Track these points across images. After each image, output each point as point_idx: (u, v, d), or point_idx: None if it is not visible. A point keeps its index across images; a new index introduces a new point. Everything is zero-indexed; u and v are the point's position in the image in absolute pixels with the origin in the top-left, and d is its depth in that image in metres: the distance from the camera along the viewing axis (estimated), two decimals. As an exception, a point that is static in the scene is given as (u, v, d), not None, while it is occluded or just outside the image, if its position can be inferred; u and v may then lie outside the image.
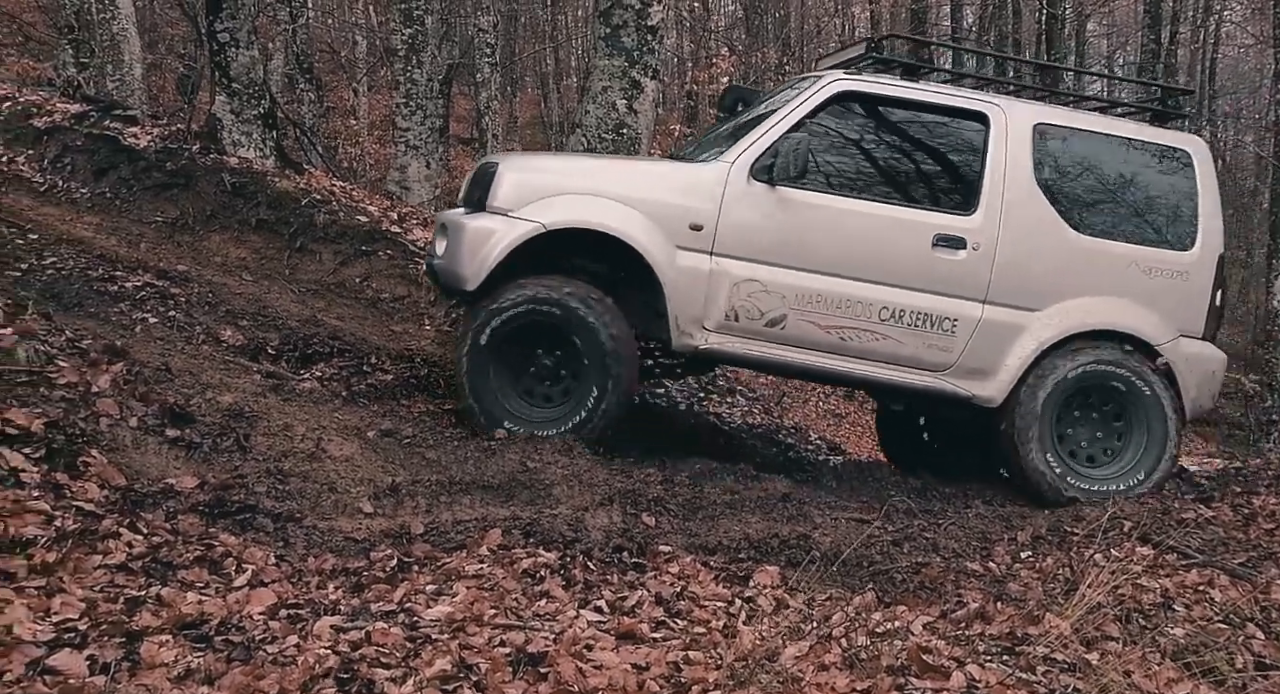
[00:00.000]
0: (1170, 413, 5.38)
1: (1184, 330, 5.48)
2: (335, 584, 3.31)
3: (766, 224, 5.19)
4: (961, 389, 5.38)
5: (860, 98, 5.43)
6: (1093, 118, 5.69)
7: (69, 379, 3.98)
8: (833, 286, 5.22)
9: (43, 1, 20.24)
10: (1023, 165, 5.40)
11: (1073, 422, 5.49)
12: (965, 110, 5.47)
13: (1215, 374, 5.56)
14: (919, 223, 5.29)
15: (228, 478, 3.91)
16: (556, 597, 3.42)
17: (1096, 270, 5.39)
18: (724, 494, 4.84)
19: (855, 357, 5.31)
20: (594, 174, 5.30)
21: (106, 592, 2.87)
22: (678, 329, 5.20)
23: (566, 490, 4.54)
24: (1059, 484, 5.30)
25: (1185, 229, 5.53)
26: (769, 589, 3.66)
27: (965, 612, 3.58)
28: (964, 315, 5.31)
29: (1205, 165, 5.61)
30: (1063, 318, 5.36)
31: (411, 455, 4.69)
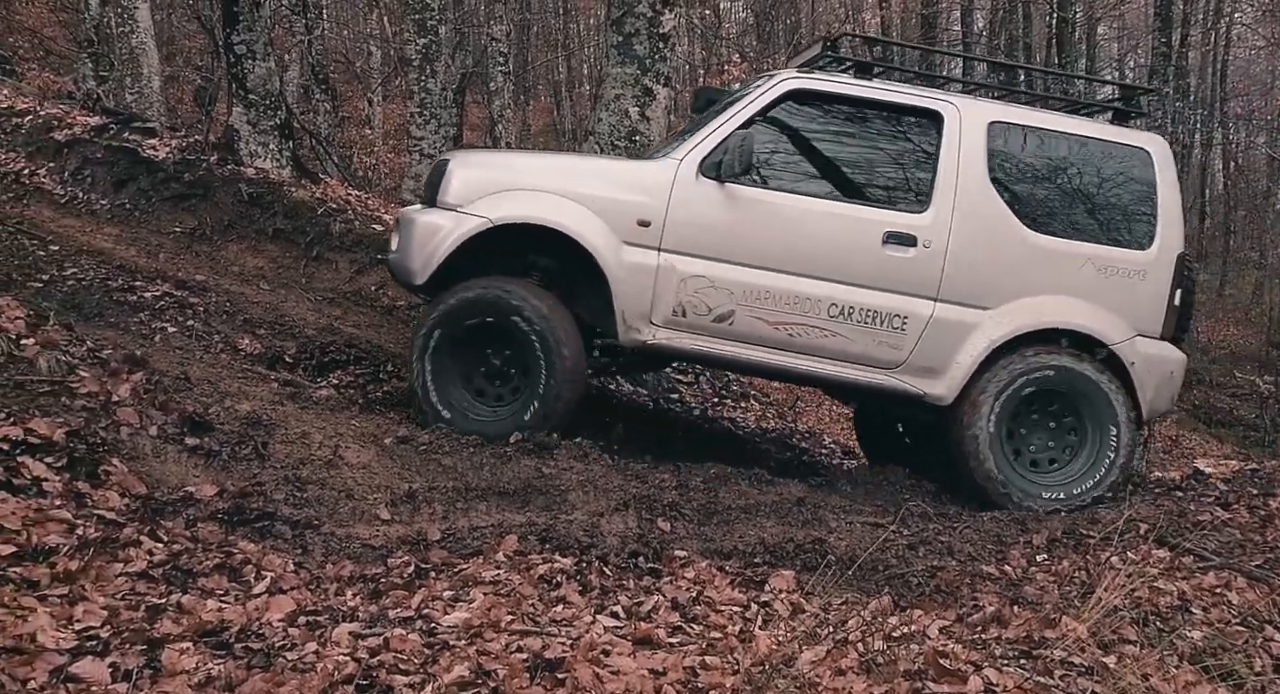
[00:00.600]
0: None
1: (1141, 330, 5.41)
2: (353, 591, 3.32)
3: (714, 221, 5.21)
4: (912, 387, 5.35)
5: (812, 96, 5.43)
6: (1050, 116, 5.64)
7: (90, 389, 4.00)
8: (781, 283, 5.23)
9: (63, 16, 20.43)
10: (976, 163, 5.37)
11: (1028, 424, 5.42)
12: (918, 108, 5.46)
13: (1174, 375, 5.48)
14: (869, 220, 5.28)
15: (246, 485, 3.92)
16: (573, 602, 3.41)
17: (1050, 269, 5.35)
18: (739, 499, 4.83)
19: (804, 353, 5.30)
20: (544, 170, 5.38)
21: (128, 599, 2.88)
22: (624, 324, 5.23)
23: (582, 496, 4.54)
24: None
25: (1143, 228, 5.47)
26: (785, 594, 3.65)
27: (981, 615, 3.56)
28: (914, 313, 5.28)
29: (1165, 164, 5.55)
30: (1015, 316, 5.31)
31: (428, 462, 4.70)
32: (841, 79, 5.50)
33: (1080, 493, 5.26)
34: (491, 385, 5.28)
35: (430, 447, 4.87)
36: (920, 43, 20.34)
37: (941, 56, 18.38)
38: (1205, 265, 29.77)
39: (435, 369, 5.15)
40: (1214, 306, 25.61)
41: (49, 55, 21.62)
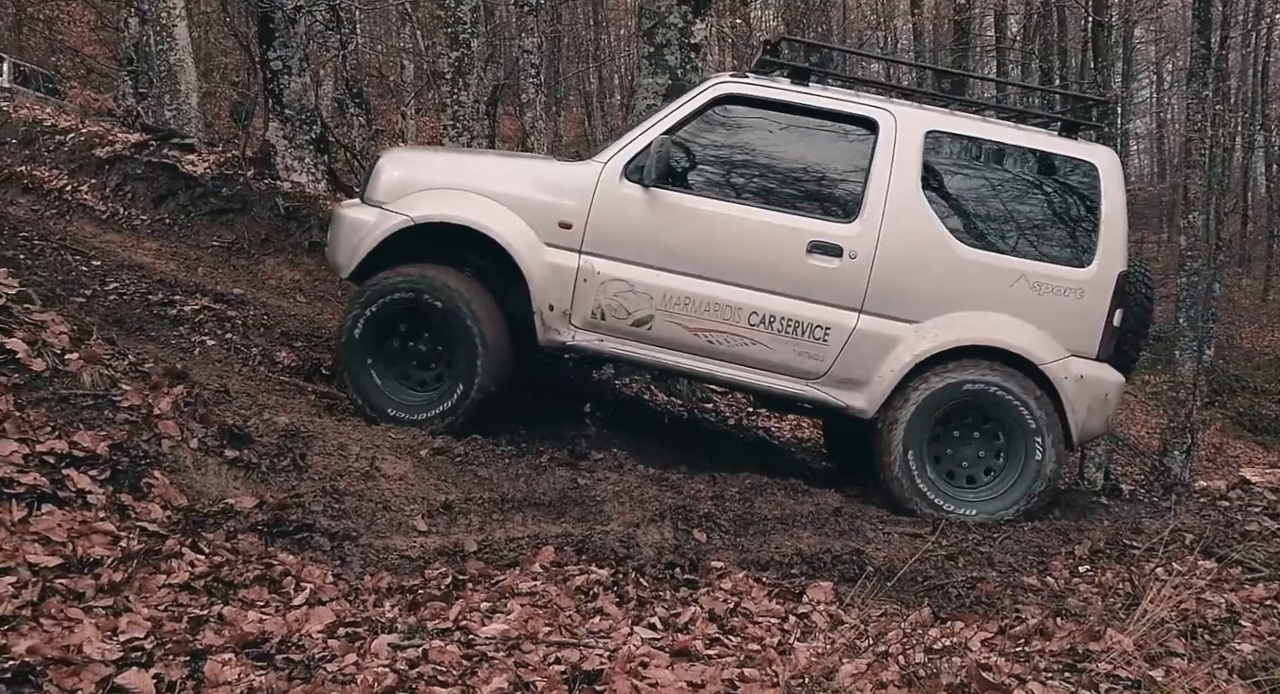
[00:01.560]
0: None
1: (1075, 350, 5.22)
2: (391, 602, 3.33)
3: (636, 224, 5.20)
4: (834, 398, 5.28)
5: (744, 100, 5.37)
6: (993, 127, 5.48)
7: (132, 402, 4.06)
8: (701, 289, 5.19)
9: (103, 35, 20.82)
10: (909, 173, 5.26)
11: (953, 439, 5.28)
12: (853, 116, 5.36)
13: (1108, 397, 5.28)
14: (794, 228, 5.21)
15: (285, 497, 3.96)
16: (610, 614, 3.41)
17: (981, 284, 5.21)
18: (775, 509, 4.81)
19: (724, 360, 5.26)
20: (470, 170, 5.43)
21: (171, 611, 2.91)
22: (543, 325, 5.25)
23: (617, 507, 4.54)
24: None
25: (1083, 245, 5.28)
26: (823, 605, 3.63)
27: (1024, 627, 3.51)
28: (837, 324, 5.21)
29: (1111, 179, 5.34)
30: (941, 331, 5.18)
31: (464, 473, 4.72)
32: (776, 84, 5.44)
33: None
34: (418, 372, 5.32)
35: (466, 458, 4.89)
36: (954, 47, 20.24)
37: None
38: (1248, 270, 29.29)
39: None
40: (1258, 312, 25.19)
41: (90, 73, 22.05)
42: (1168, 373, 14.74)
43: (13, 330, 4.10)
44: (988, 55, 24.29)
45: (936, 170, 5.32)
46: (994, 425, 5.22)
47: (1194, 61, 12.45)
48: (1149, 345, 5.77)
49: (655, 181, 5.16)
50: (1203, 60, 12.06)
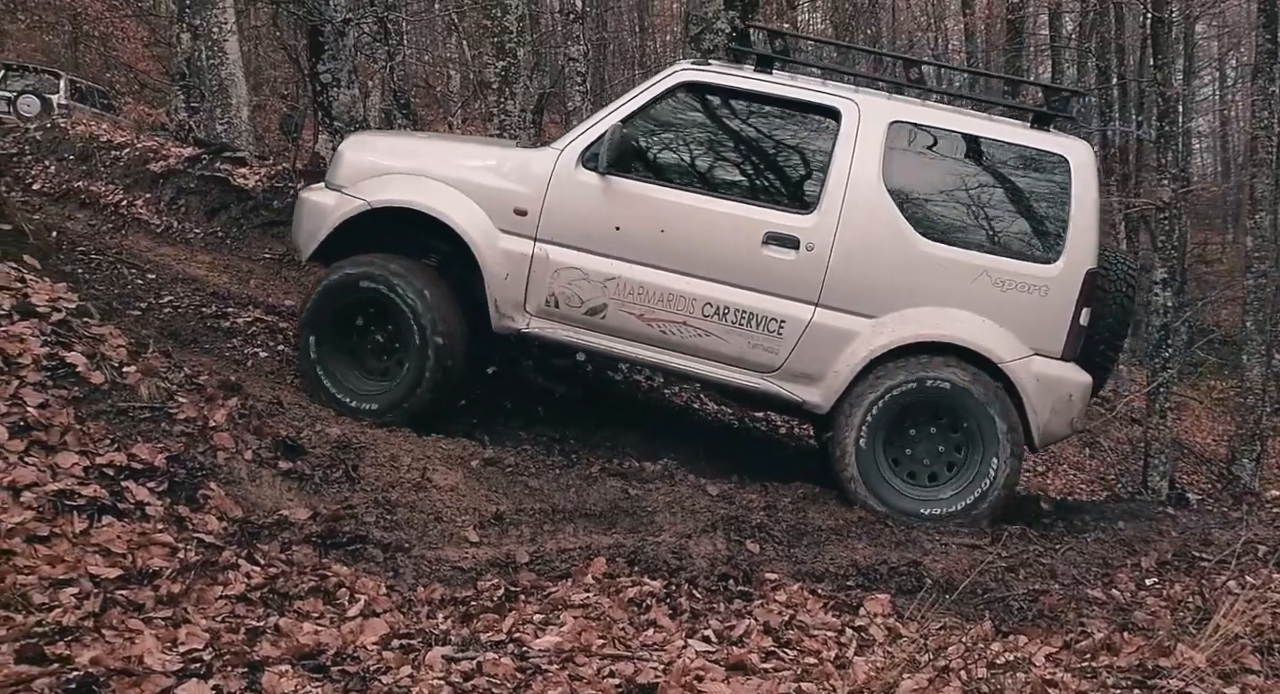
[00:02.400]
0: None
1: (1039, 349, 5.06)
2: (445, 614, 3.36)
3: (591, 212, 5.18)
4: (788, 392, 5.20)
5: (706, 89, 5.33)
6: (962, 118, 5.36)
7: (188, 414, 4.14)
8: (655, 279, 5.15)
9: (156, 50, 21.32)
10: (870, 165, 5.15)
11: (910, 437, 5.15)
12: (816, 105, 5.27)
13: (1072, 398, 5.10)
14: (749, 219, 5.14)
15: (338, 509, 4.01)
16: (664, 626, 3.41)
17: (941, 279, 5.08)
18: (829, 519, 4.78)
19: (677, 351, 5.21)
20: (429, 155, 5.47)
21: (228, 622, 2.96)
22: (497, 312, 5.26)
23: (669, 517, 4.53)
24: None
25: (1050, 241, 5.13)
26: (880, 618, 3.60)
27: (1090, 642, 3.45)
28: (792, 317, 5.12)
29: (1083, 172, 5.17)
30: (898, 327, 5.07)
31: (514, 484, 4.74)
32: (739, 72, 5.38)
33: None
34: (376, 361, 5.35)
35: (516, 468, 4.92)
36: (1007, 47, 20.01)
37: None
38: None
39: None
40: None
41: (143, 89, 22.58)
42: (1235, 378, 14.42)
43: (72, 344, 4.20)
44: (1042, 55, 23.98)
45: (900, 162, 5.20)
46: (952, 424, 5.10)
47: (1259, 57, 12.18)
48: (1214, 349, 5.58)
49: (610, 169, 5.14)
50: (1269, 55, 11.79)
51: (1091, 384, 5.21)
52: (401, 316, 5.18)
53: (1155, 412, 10.97)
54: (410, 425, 5.11)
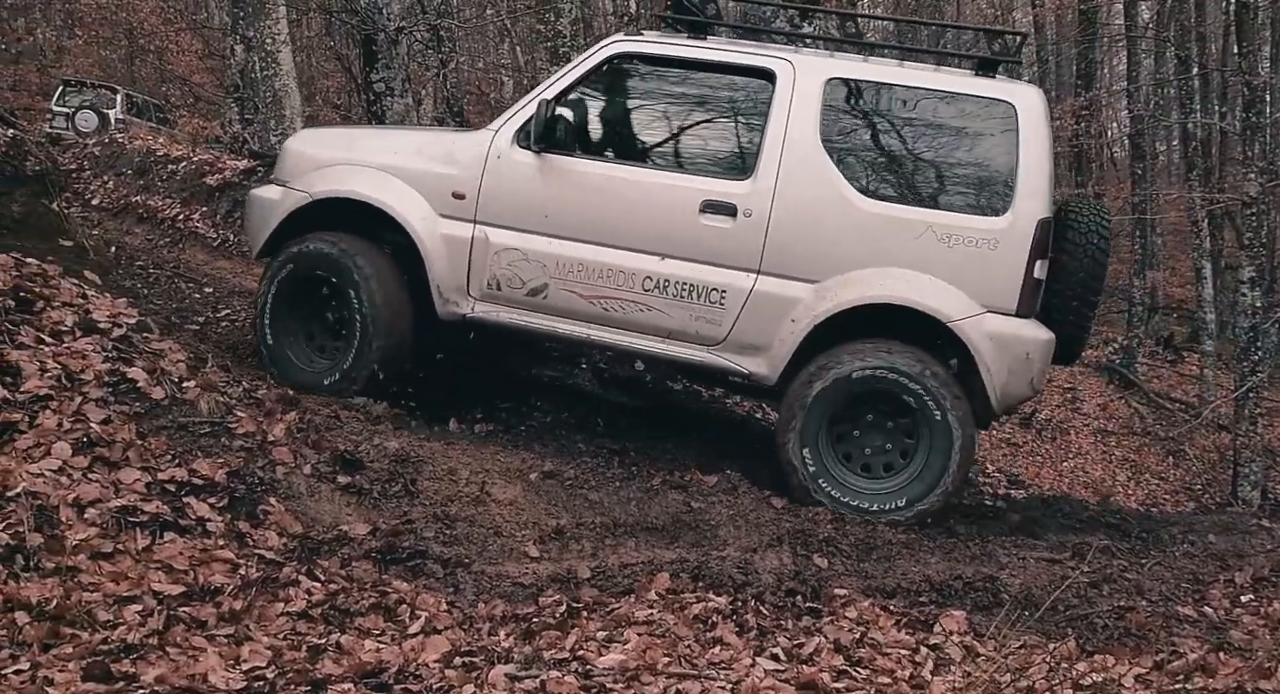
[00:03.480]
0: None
1: (991, 306, 4.89)
2: (506, 631, 3.38)
3: (527, 191, 5.20)
4: (735, 365, 5.13)
5: (639, 58, 5.33)
6: (901, 70, 5.25)
7: (247, 429, 4.22)
8: (594, 255, 5.15)
9: (210, 63, 21.85)
10: (807, 125, 5.06)
11: (862, 426, 5.01)
12: (751, 67, 5.20)
13: (1030, 356, 4.90)
14: (685, 188, 5.11)
15: (397, 524, 4.06)
16: (730, 643, 3.40)
17: (885, 239, 4.96)
18: (899, 532, 4.72)
19: (621, 328, 5.19)
20: (368, 145, 5.57)
21: (290, 639, 3.01)
22: (441, 297, 5.31)
23: (733, 531, 4.51)
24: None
25: (998, 192, 4.97)
26: (956, 636, 3.55)
27: (1183, 663, 3.36)
28: (734, 286, 5.05)
29: (1032, 119, 4.99)
30: (842, 290, 4.96)
31: (574, 497, 4.75)
32: (672, 40, 5.36)
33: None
34: (323, 339, 5.46)
35: (576, 481, 4.92)
36: (1079, 38, 19.65)
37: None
38: None
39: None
40: None
41: (198, 101, 23.14)
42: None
43: (133, 359, 4.31)
44: (1116, 45, 23.53)
45: (838, 120, 5.13)
46: (900, 408, 4.94)
47: (1351, 41, 11.84)
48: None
49: (543, 146, 5.15)
50: (1361, 40, 11.46)
51: (1052, 340, 5.04)
52: (343, 296, 5.28)
53: (1244, 418, 10.69)
54: (365, 394, 5.23)
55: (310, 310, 5.45)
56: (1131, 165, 19.90)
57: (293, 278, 5.36)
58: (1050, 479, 13.21)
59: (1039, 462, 14.18)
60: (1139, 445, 15.35)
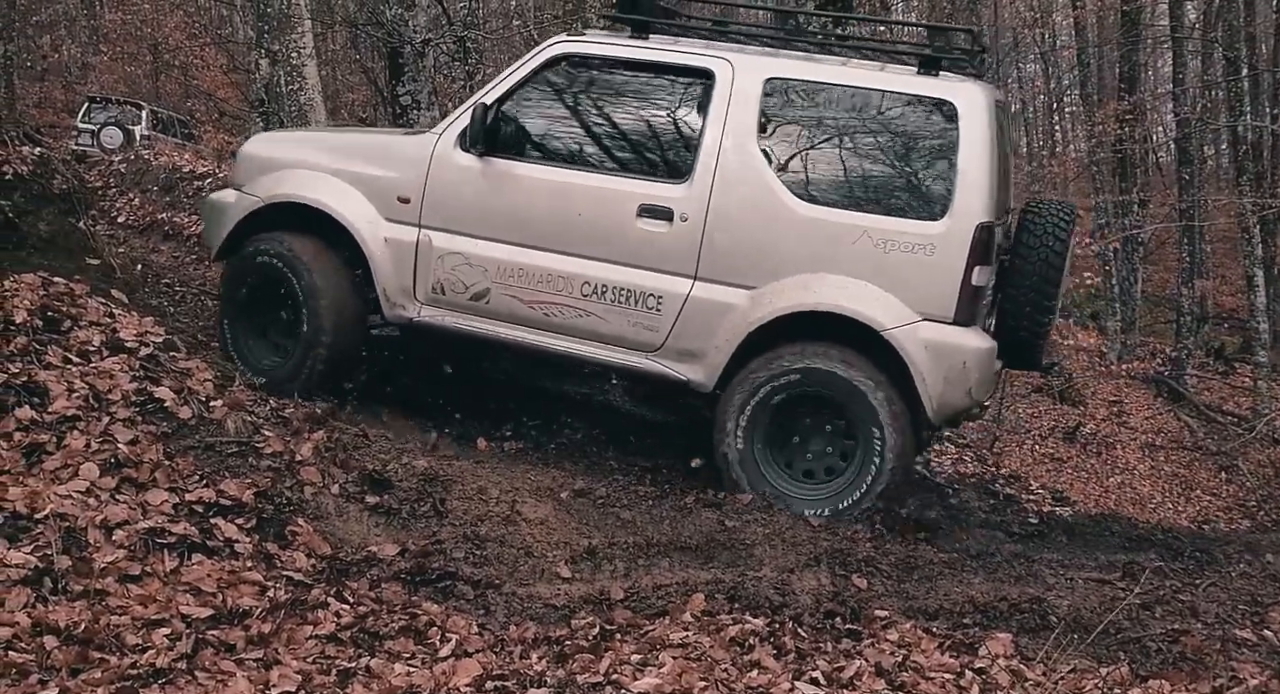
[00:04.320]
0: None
1: (927, 313, 4.84)
2: (538, 654, 3.38)
3: (469, 196, 5.29)
4: (673, 371, 5.14)
5: (581, 60, 5.37)
6: (843, 69, 5.16)
7: (275, 448, 4.26)
8: (533, 260, 5.22)
9: (234, 77, 22.14)
10: (744, 126, 5.05)
11: (800, 431, 5.03)
12: (689, 67, 5.20)
13: (967, 365, 4.83)
14: (622, 192, 5.15)
15: (427, 544, 4.07)
16: (768, 667, 3.38)
17: (821, 244, 4.94)
18: (940, 552, 4.68)
19: (561, 333, 5.26)
20: (320, 148, 5.68)
21: (319, 663, 3.03)
22: (388, 301, 5.43)
23: (769, 550, 4.49)
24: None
25: (936, 195, 4.91)
26: (1003, 659, 3.50)
27: (1242, 689, 3.31)
28: (670, 292, 5.08)
29: (974, 120, 4.90)
30: (777, 297, 4.95)
31: (606, 516, 4.75)
32: (614, 40, 5.40)
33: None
34: (278, 337, 5.55)
35: (608, 499, 4.92)
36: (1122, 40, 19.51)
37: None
38: None
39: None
40: None
41: (223, 116, 23.45)
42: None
43: (160, 379, 4.37)
44: (1161, 47, 23.34)
45: (776, 121, 5.10)
46: (836, 412, 4.94)
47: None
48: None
49: (484, 149, 5.23)
50: None
51: (993, 349, 5.00)
52: (292, 292, 5.41)
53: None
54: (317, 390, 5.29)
55: (265, 310, 5.56)
56: (1178, 170, 19.70)
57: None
58: (1096, 496, 13.05)
59: (1084, 477, 14.03)
60: (1189, 460, 15.15)
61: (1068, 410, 15.87)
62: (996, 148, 5.00)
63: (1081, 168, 22.31)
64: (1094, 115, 19.97)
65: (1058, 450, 14.58)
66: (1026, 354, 5.32)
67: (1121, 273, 19.18)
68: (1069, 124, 30.78)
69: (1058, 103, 28.99)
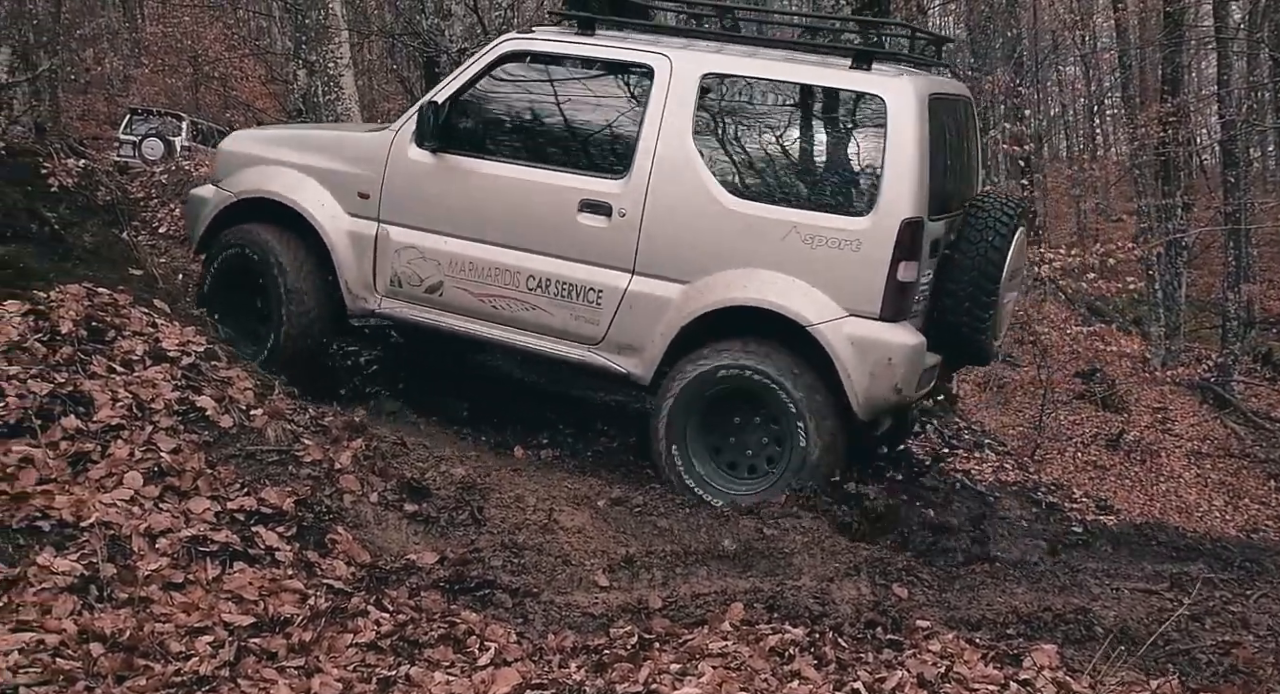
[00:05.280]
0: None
1: (854, 309, 4.89)
2: (577, 663, 3.38)
3: (422, 191, 5.50)
4: (614, 364, 5.30)
5: (530, 56, 5.51)
6: (777, 65, 5.19)
7: (314, 457, 4.30)
8: (483, 254, 5.42)
9: (272, 88, 22.42)
10: (680, 122, 5.13)
11: (732, 427, 5.14)
12: (631, 63, 5.31)
13: (893, 361, 4.87)
14: (565, 187, 5.28)
15: (465, 553, 4.09)
16: (809, 677, 3.36)
17: (752, 239, 5.01)
18: (982, 562, 4.63)
19: (509, 326, 5.45)
20: (291, 145, 5.91)
21: (359, 671, 3.05)
22: (350, 293, 5.69)
23: (808, 559, 4.47)
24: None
25: (863, 190, 4.97)
26: (1048, 671, 3.46)
27: (1295, 702, 3.24)
28: (609, 286, 5.23)
29: (903, 115, 4.90)
30: (707, 292, 5.05)
31: (643, 524, 4.75)
32: (561, 37, 5.54)
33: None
34: (251, 324, 5.79)
35: (645, 508, 4.92)
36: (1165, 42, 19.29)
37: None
38: None
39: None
40: None
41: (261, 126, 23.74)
42: None
43: (202, 388, 4.42)
44: (1205, 48, 23.03)
45: (713, 116, 5.21)
46: (763, 407, 5.03)
47: None
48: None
49: (436, 145, 5.42)
50: None
51: (922, 345, 5.01)
52: (262, 280, 5.67)
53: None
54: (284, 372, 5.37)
55: (241, 299, 5.80)
56: (1223, 173, 19.42)
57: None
58: (1141, 504, 12.87)
59: (1128, 485, 13.83)
60: (1237, 468, 14.90)
61: (1110, 417, 15.67)
62: (929, 143, 5.00)
63: (1123, 171, 22.05)
64: (1136, 118, 19.74)
65: (1100, 458, 14.38)
66: (969, 349, 5.36)
67: (1165, 277, 18.92)
68: (1110, 127, 30.44)
69: (1098, 105, 28.67)
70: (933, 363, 5.19)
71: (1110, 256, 12.50)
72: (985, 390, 15.73)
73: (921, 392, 5.22)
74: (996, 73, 17.39)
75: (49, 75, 19.97)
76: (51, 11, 16.72)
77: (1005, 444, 11.18)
